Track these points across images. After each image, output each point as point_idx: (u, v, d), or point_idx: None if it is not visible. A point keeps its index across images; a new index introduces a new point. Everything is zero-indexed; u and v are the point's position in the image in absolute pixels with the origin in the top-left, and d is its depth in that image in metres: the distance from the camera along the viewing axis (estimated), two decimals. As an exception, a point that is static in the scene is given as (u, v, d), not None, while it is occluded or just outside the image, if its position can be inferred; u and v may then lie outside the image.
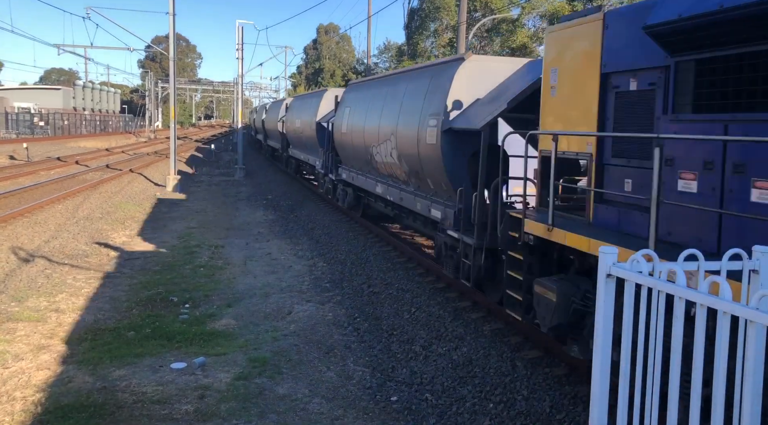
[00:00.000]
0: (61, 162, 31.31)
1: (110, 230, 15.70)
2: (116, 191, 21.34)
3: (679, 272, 2.79)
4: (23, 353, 7.46)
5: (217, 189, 26.30)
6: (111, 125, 78.84)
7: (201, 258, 13.10)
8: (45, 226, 14.56)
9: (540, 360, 7.05)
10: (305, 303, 9.92)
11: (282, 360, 7.44)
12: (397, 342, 8.25)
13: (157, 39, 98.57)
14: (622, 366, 3.02)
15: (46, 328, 8.40)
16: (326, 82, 71.45)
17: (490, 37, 39.80)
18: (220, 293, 10.50)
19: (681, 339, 2.75)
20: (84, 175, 25.30)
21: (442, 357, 7.56)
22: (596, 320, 3.07)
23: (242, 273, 11.98)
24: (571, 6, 33.66)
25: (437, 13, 48.91)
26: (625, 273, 2.97)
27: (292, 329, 8.66)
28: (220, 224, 17.60)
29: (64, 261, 12.16)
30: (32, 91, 72.68)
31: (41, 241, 13.16)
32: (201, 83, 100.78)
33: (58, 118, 59.51)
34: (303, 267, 12.54)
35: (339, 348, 8.02)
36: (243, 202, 22.46)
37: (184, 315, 9.22)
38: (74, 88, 78.42)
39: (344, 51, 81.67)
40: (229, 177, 31.23)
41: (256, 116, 52.70)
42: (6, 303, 9.32)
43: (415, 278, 10.88)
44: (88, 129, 68.10)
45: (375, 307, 9.77)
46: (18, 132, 52.79)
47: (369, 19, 36.66)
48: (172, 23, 25.58)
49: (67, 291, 10.25)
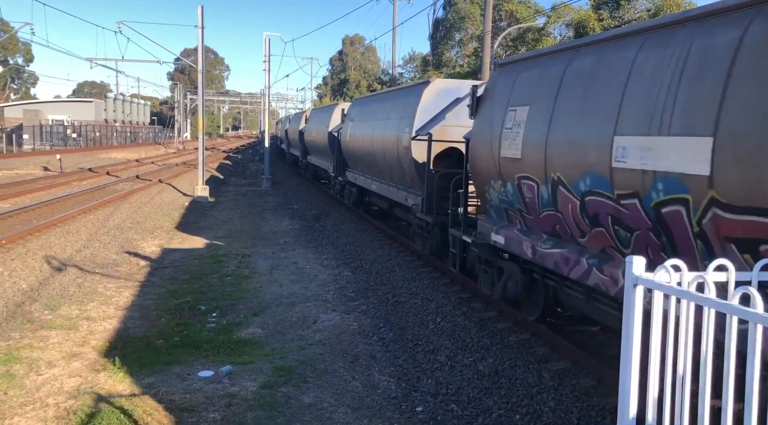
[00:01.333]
0: (93, 173, 31.98)
1: (140, 239, 15.97)
2: (146, 201, 21.71)
3: (709, 282, 2.75)
4: (56, 360, 7.62)
5: (243, 198, 26.59)
6: (141, 136, 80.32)
7: (228, 267, 13.24)
8: (77, 236, 14.87)
9: (567, 371, 6.97)
10: (330, 313, 9.96)
11: (308, 369, 7.48)
12: (423, 352, 8.23)
13: (186, 52, 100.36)
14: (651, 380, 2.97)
15: (77, 336, 8.57)
16: (351, 93, 71.87)
17: (515, 46, 39.68)
18: (247, 302, 10.59)
19: (712, 352, 2.71)
20: (114, 186, 25.80)
21: (468, 368, 7.52)
22: (623, 331, 3.04)
23: (268, 282, 12.08)
24: (596, 14, 33.41)
25: (462, 23, 48.98)
26: (652, 283, 2.94)
27: (318, 338, 8.70)
28: (247, 233, 17.78)
29: (95, 270, 12.40)
30: (66, 104, 74.47)
31: (73, 250, 13.45)
32: (229, 95, 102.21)
33: (90, 129, 60.83)
34: (328, 277, 12.59)
35: (364, 357, 8.03)
36: (269, 212, 22.67)
37: (212, 324, 9.33)
38: (105, 101, 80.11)
39: (369, 62, 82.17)
40: (256, 186, 31.57)
41: (281, 126, 53.79)
42: (40, 311, 9.53)
43: (440, 288, 10.85)
44: (118, 140, 69.48)
45: (400, 317, 9.77)
46: (52, 143, 54.06)
47: (394, 30, 36.85)
48: (201, 36, 26.03)
49: (98, 300, 10.44)
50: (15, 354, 7.67)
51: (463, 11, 48.42)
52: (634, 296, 3.01)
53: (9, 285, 10.32)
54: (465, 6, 48.58)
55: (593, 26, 32.77)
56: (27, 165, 35.14)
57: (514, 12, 39.88)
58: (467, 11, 48.34)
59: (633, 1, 33.64)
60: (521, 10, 39.96)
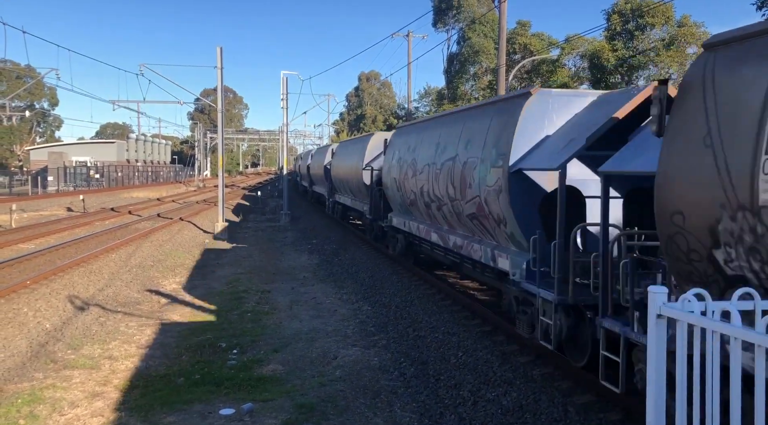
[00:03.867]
0: (115, 212, 32.48)
1: (161, 277, 16.10)
2: (167, 239, 21.94)
3: (734, 311, 2.71)
4: (78, 400, 7.64)
5: (263, 235, 26.75)
6: (162, 175, 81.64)
7: (248, 304, 13.26)
8: (99, 275, 15.04)
9: (593, 404, 6.82)
10: (351, 348, 9.89)
11: (329, 407, 7.40)
12: (445, 388, 8.11)
13: (206, 91, 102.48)
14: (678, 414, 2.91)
15: (100, 375, 8.60)
16: (368, 128, 72.70)
17: (530, 78, 39.98)
18: (267, 338, 10.57)
19: (739, 381, 2.65)
20: (136, 224, 26.15)
21: (492, 403, 7.39)
22: (648, 363, 2.98)
23: (288, 317, 12.07)
24: (610, 45, 33.61)
25: (476, 56, 49.58)
26: (676, 313, 2.90)
27: (338, 374, 8.63)
28: (267, 269, 17.84)
29: (117, 308, 12.50)
30: (89, 146, 76.19)
31: (96, 289, 13.59)
32: (248, 133, 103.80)
33: (112, 170, 62.02)
34: (348, 311, 12.55)
35: (385, 393, 7.94)
36: (288, 247, 22.76)
37: (232, 361, 9.31)
38: (127, 141, 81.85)
39: (385, 97, 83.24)
40: (275, 223, 31.77)
41: (301, 162, 53.55)
42: (63, 350, 9.60)
43: (461, 321, 10.75)
44: (140, 179, 70.68)
45: (421, 352, 9.67)
46: (75, 184, 55.17)
47: (409, 65, 37.38)
48: (220, 76, 26.63)
49: (120, 339, 10.50)
50: (38, 394, 7.72)
51: (476, 45, 49.06)
52: (658, 328, 2.97)
53: (33, 325, 10.44)
54: (479, 40, 49.26)
55: (608, 57, 32.95)
56: (51, 206, 35.83)
57: (527, 45, 40.28)
58: (481, 45, 48.97)
59: (647, 32, 33.85)
60: (535, 42, 40.36)
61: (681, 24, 33.17)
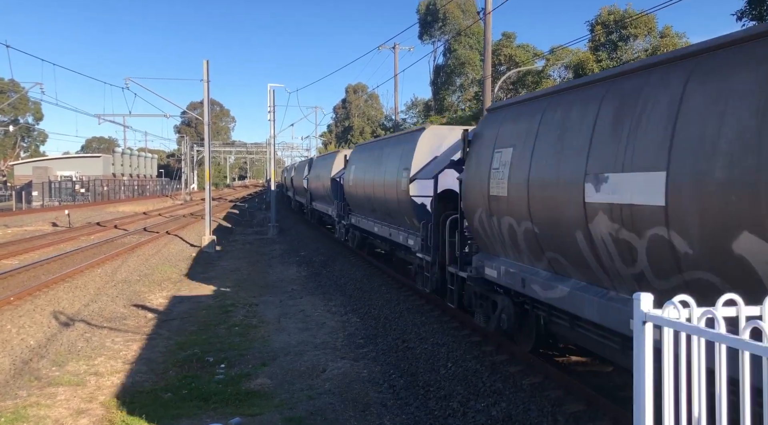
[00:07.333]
0: (101, 227, 32.20)
1: (147, 292, 15.95)
2: (153, 253, 21.77)
3: (718, 318, 2.72)
4: (63, 417, 7.52)
5: (251, 247, 26.62)
6: (148, 189, 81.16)
7: (236, 317, 13.16)
8: (85, 290, 14.87)
9: (582, 413, 6.82)
10: (340, 361, 9.84)
11: (318, 420, 7.34)
12: (434, 399, 8.08)
13: (192, 105, 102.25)
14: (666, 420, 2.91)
15: (85, 392, 8.48)
16: (356, 139, 72.74)
17: (516, 89, 40.28)
18: (255, 352, 10.49)
19: (726, 389, 2.66)
20: (122, 239, 25.92)
21: (481, 414, 7.37)
22: (635, 371, 2.99)
23: (276, 331, 11.99)
24: (594, 56, 33.99)
25: (462, 68, 49.91)
26: (661, 319, 2.90)
27: (327, 387, 8.57)
28: (254, 282, 17.74)
29: (102, 324, 12.35)
30: (74, 160, 75.52)
31: (81, 305, 13.42)
32: (235, 145, 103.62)
33: (98, 184, 61.56)
34: (336, 324, 12.48)
35: (375, 406, 7.89)
36: (276, 260, 22.65)
37: (220, 376, 9.22)
38: (113, 155, 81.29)
39: (372, 108, 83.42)
40: (263, 235, 31.64)
41: (287, 174, 54.42)
42: (47, 367, 9.46)
43: (450, 332, 10.73)
44: (126, 193, 70.20)
45: (410, 363, 9.63)
46: (60, 199, 54.66)
47: (396, 77, 37.56)
48: (206, 89, 26.58)
49: (106, 354, 10.36)
50: (22, 412, 7.58)
51: (463, 57, 49.41)
52: (644, 334, 2.98)
53: (17, 342, 10.28)
54: (465, 52, 49.61)
55: (592, 67, 33.30)
56: (36, 221, 35.46)
57: (513, 56, 40.63)
58: (467, 57, 49.32)
59: (630, 42, 34.28)
60: (520, 54, 40.72)
61: (663, 35, 33.66)
